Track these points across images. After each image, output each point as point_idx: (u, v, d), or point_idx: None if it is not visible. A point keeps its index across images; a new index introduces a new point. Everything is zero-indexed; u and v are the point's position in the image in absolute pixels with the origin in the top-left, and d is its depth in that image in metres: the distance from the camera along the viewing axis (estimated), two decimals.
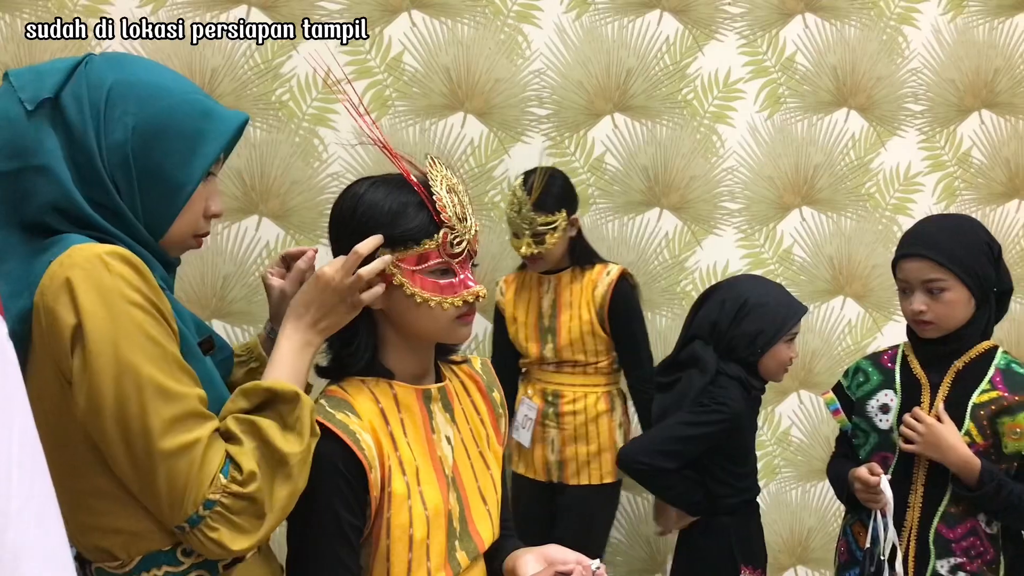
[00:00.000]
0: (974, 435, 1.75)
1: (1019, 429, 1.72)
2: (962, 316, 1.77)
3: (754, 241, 2.78)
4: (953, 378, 1.80)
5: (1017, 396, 1.73)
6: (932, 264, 1.75)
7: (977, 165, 2.87)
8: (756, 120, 2.72)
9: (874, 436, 1.89)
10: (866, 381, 1.93)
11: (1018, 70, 2.85)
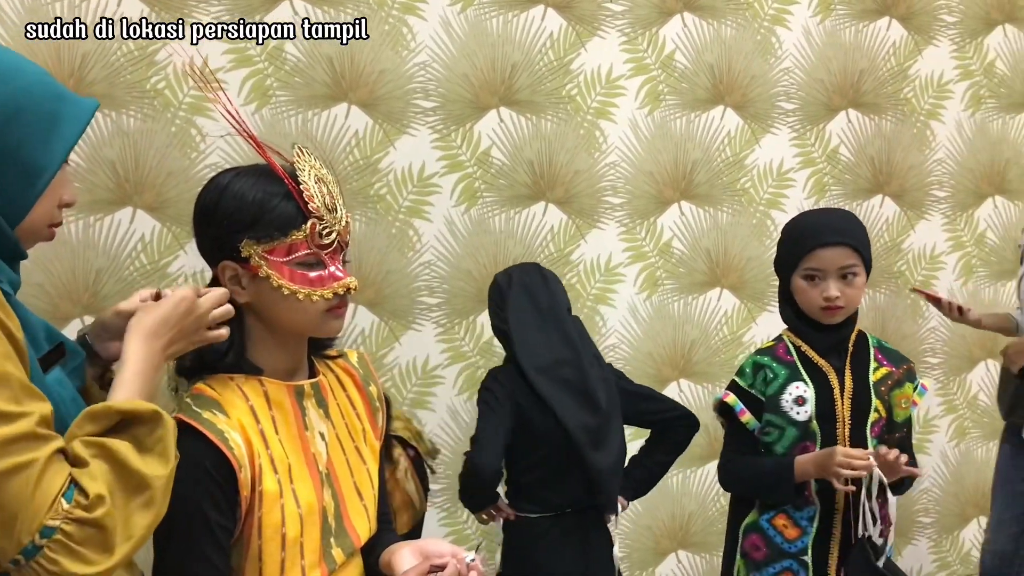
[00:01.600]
0: (880, 411, 1.91)
1: (906, 399, 1.91)
2: (860, 300, 1.95)
3: (635, 235, 2.84)
4: (849, 361, 1.93)
5: (899, 369, 1.93)
6: (850, 251, 1.88)
7: (844, 162, 3.01)
8: (637, 116, 2.78)
9: (791, 429, 1.92)
10: (775, 378, 1.94)
11: (881, 72, 3.00)
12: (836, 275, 1.88)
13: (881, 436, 1.90)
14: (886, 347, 1.99)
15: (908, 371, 1.95)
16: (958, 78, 3.09)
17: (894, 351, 1.99)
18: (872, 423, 1.89)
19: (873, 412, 1.89)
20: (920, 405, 1.98)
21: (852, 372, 1.92)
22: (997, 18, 3.10)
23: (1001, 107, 3.15)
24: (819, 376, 1.93)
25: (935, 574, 3.33)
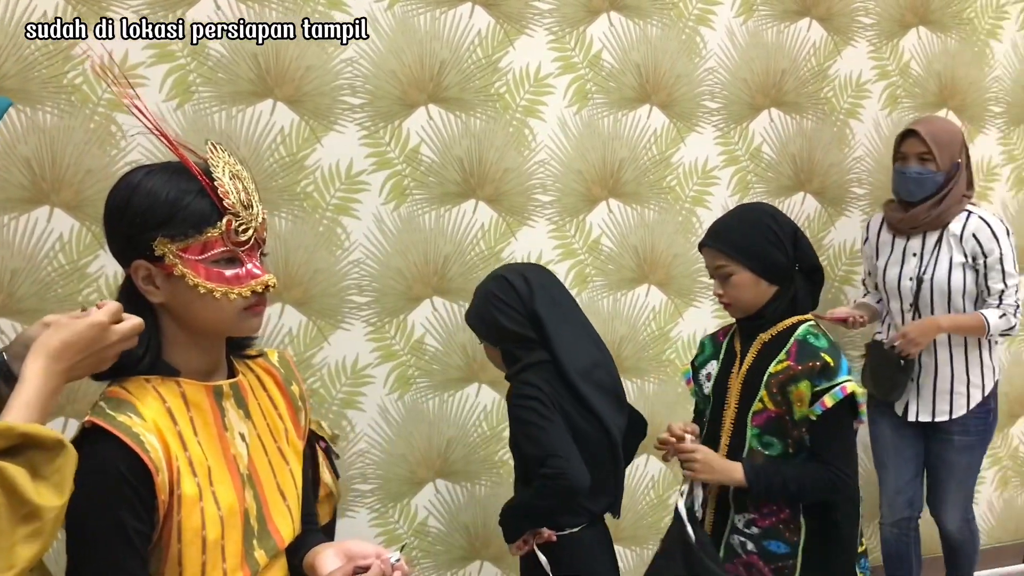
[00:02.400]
0: (767, 402, 1.93)
1: (802, 397, 1.89)
2: (753, 296, 1.96)
3: (565, 232, 2.86)
4: (759, 350, 1.98)
5: (801, 366, 1.90)
6: (716, 252, 1.97)
7: (767, 160, 3.08)
8: (566, 115, 2.80)
9: (699, 401, 2.17)
10: (701, 353, 2.17)
11: (802, 71, 3.07)
12: (715, 274, 1.99)
13: (766, 427, 1.93)
14: (809, 344, 1.93)
15: (810, 369, 1.88)
16: (875, 78, 3.18)
17: (814, 348, 1.92)
18: (755, 412, 1.94)
19: (758, 402, 1.94)
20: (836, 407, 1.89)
21: (755, 360, 1.97)
22: (911, 20, 3.20)
23: (916, 107, 3.25)
24: (728, 358, 2.05)
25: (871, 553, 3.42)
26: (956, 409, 2.85)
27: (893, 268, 2.87)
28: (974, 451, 2.92)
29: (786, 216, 2.04)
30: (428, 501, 2.82)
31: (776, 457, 1.94)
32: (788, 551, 1.95)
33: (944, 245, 2.78)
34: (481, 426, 2.84)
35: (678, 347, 3.06)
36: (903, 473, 2.99)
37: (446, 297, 2.74)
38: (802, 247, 1.99)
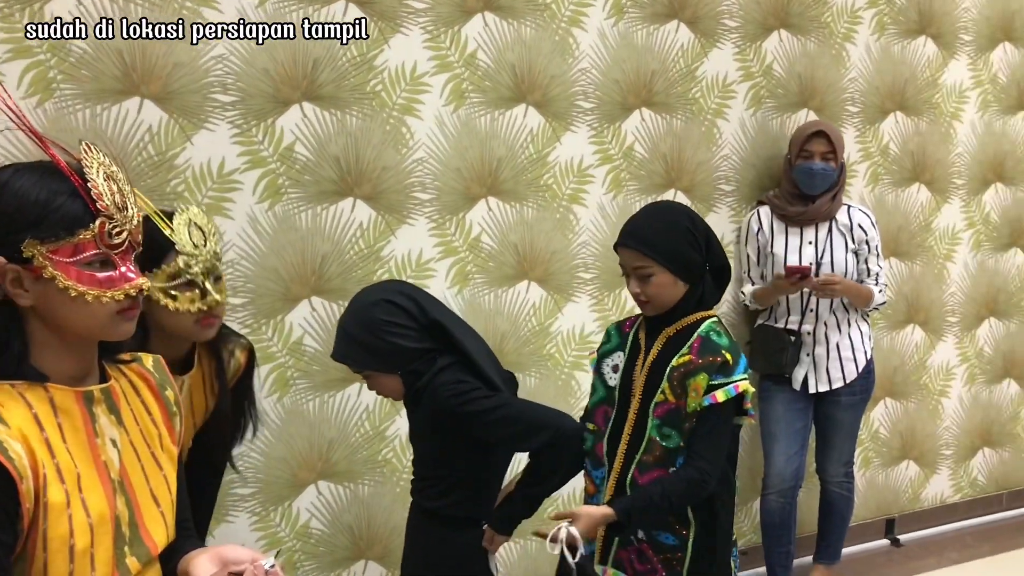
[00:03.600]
0: (667, 394, 1.99)
1: (698, 388, 1.95)
2: (672, 295, 2.01)
3: (445, 230, 2.88)
4: (664, 344, 2.04)
5: (701, 360, 1.96)
6: (638, 254, 1.99)
7: (640, 158, 3.17)
8: (443, 113, 2.81)
9: (602, 390, 2.15)
10: (608, 342, 2.18)
11: (671, 72, 3.17)
12: (634, 274, 2.01)
13: (666, 419, 1.99)
14: (711, 340, 1.99)
15: (710, 364, 1.95)
16: (740, 79, 3.31)
17: (716, 345, 1.98)
18: (656, 403, 2.00)
19: (659, 394, 1.99)
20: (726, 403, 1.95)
21: (659, 353, 2.03)
22: (773, 24, 3.35)
23: (778, 107, 3.41)
24: (635, 351, 2.08)
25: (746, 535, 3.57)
26: (847, 375, 3.25)
27: (792, 256, 3.19)
28: (856, 409, 3.33)
29: (700, 217, 2.09)
30: (310, 503, 2.79)
31: (674, 449, 1.98)
32: (677, 543, 2.01)
33: (835, 234, 3.18)
34: (363, 426, 2.83)
35: (558, 341, 3.12)
36: (792, 444, 3.29)
37: (325, 297, 2.72)
38: (713, 247, 2.05)
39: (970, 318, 3.98)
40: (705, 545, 2.01)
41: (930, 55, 3.70)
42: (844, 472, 3.39)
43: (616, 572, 2.07)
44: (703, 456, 1.95)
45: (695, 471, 1.94)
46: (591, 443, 2.13)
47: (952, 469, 4.07)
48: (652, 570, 2.02)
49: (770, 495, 3.33)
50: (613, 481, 2.06)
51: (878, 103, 3.61)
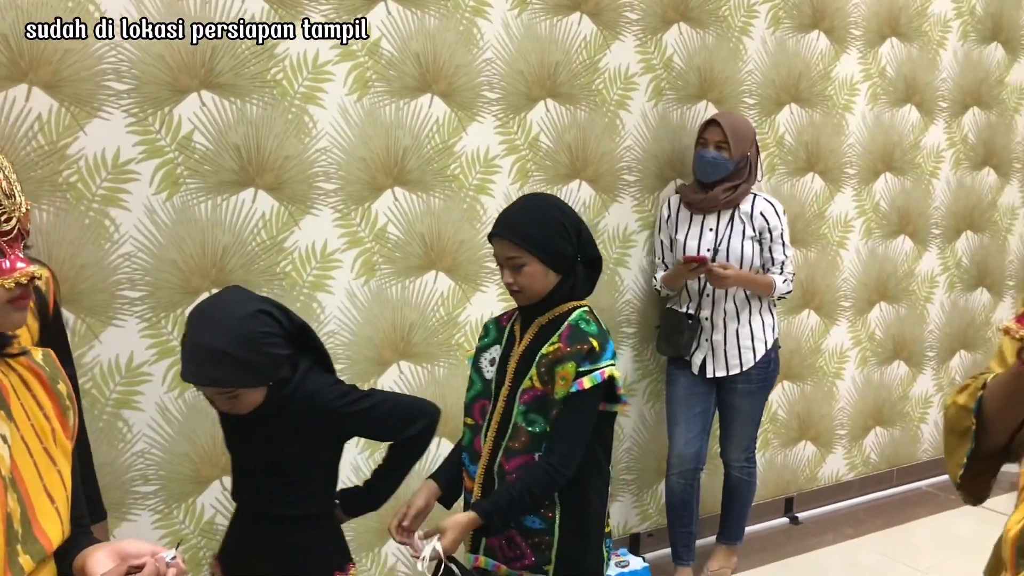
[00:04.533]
0: (535, 381, 2.01)
1: (566, 376, 1.97)
2: (543, 285, 2.02)
3: (351, 220, 2.86)
4: (535, 332, 2.06)
5: (569, 348, 1.98)
6: (511, 244, 2.00)
7: (545, 149, 3.20)
8: (346, 102, 2.79)
9: (479, 384, 2.15)
10: (485, 336, 2.20)
11: (575, 64, 3.21)
12: (507, 264, 2.03)
13: (532, 405, 2.01)
14: (580, 328, 2.01)
15: (578, 351, 1.97)
16: (642, 71, 3.37)
17: (584, 333, 2.00)
18: (523, 390, 2.02)
19: (527, 380, 2.01)
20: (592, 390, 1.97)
21: (531, 342, 2.05)
22: (673, 17, 3.41)
23: (679, 99, 3.48)
24: (510, 342, 2.11)
25: (638, 526, 3.65)
26: (744, 363, 3.32)
27: (692, 241, 3.28)
28: (754, 397, 3.39)
29: (571, 208, 2.12)
30: (215, 499, 2.74)
31: (539, 434, 2.00)
32: (544, 527, 2.03)
33: (736, 222, 3.24)
34: None
35: (467, 331, 3.13)
36: (693, 427, 3.39)
37: None
38: (585, 238, 2.08)
39: (862, 303, 4.15)
40: (573, 528, 2.03)
41: (823, 49, 3.83)
42: (744, 458, 3.47)
43: (487, 560, 2.09)
44: (564, 441, 1.97)
45: (555, 456, 1.96)
46: (469, 438, 2.14)
47: (847, 448, 4.24)
48: (521, 555, 2.04)
49: (672, 476, 3.43)
50: (482, 469, 2.07)
51: (774, 95, 3.72)
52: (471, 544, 2.13)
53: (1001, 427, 1.45)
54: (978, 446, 1.47)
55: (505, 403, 2.06)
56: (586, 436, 2.00)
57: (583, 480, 2.03)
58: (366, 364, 2.94)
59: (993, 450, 1.50)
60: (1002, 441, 1.48)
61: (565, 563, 2.04)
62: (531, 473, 1.98)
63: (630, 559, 3.36)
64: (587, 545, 2.08)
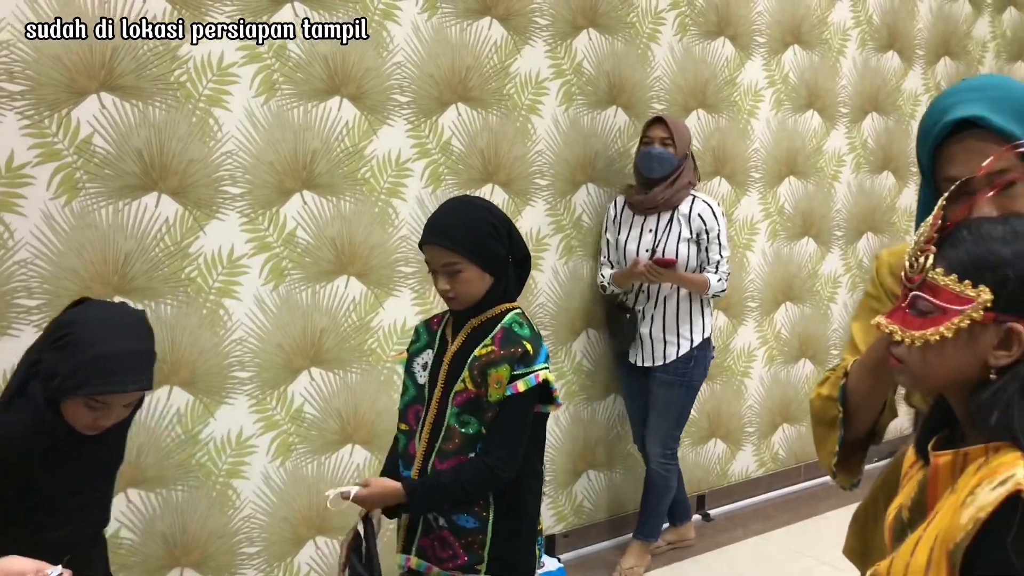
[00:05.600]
0: (467, 383, 2.00)
1: (500, 379, 1.97)
2: (479, 289, 2.01)
3: (258, 225, 2.81)
4: (468, 335, 2.05)
5: (503, 351, 1.98)
6: (445, 250, 1.97)
7: (457, 153, 3.20)
8: (253, 105, 2.74)
9: (412, 389, 2.13)
10: (417, 341, 2.17)
11: (485, 69, 3.22)
12: (442, 271, 2.00)
13: (465, 407, 2.01)
14: (514, 332, 2.00)
15: (511, 355, 1.97)
16: (552, 76, 3.40)
17: (518, 336, 2.00)
18: (456, 392, 2.02)
19: (460, 382, 2.01)
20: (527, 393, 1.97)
21: (463, 344, 2.05)
22: (582, 23, 3.46)
23: (589, 104, 3.53)
24: (442, 346, 2.10)
25: (553, 527, 3.68)
26: (667, 356, 3.48)
27: (632, 243, 3.45)
28: (672, 391, 3.51)
29: (499, 209, 2.11)
30: (120, 513, 2.66)
31: (473, 435, 2.00)
32: (477, 526, 2.02)
33: (674, 223, 3.39)
34: (175, 430, 2.73)
35: (380, 336, 3.11)
36: (636, 420, 3.67)
37: (130, 296, 2.60)
38: (515, 238, 2.08)
39: (768, 303, 4.26)
40: (507, 528, 2.04)
41: (728, 56, 3.93)
42: (661, 453, 3.54)
43: (419, 561, 2.09)
44: (500, 444, 1.98)
45: (490, 458, 1.97)
46: (404, 443, 2.13)
47: (756, 445, 4.35)
48: (454, 555, 2.03)
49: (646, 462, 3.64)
50: (416, 472, 2.06)
51: (682, 101, 3.80)
52: (403, 545, 2.11)
53: (865, 413, 1.53)
54: (846, 432, 1.53)
55: (438, 406, 2.04)
56: (523, 439, 2.01)
57: (519, 480, 2.03)
58: (276, 371, 2.90)
59: (860, 435, 1.56)
60: (867, 426, 1.56)
61: (497, 563, 2.04)
62: (467, 468, 1.98)
63: (545, 560, 3.38)
64: (519, 545, 2.08)
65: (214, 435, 2.80)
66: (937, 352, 1.09)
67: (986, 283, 1.05)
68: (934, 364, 1.10)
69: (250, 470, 2.89)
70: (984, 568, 0.99)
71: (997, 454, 1.04)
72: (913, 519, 1.15)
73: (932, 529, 1.05)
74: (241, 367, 2.83)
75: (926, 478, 1.14)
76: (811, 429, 1.64)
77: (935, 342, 1.08)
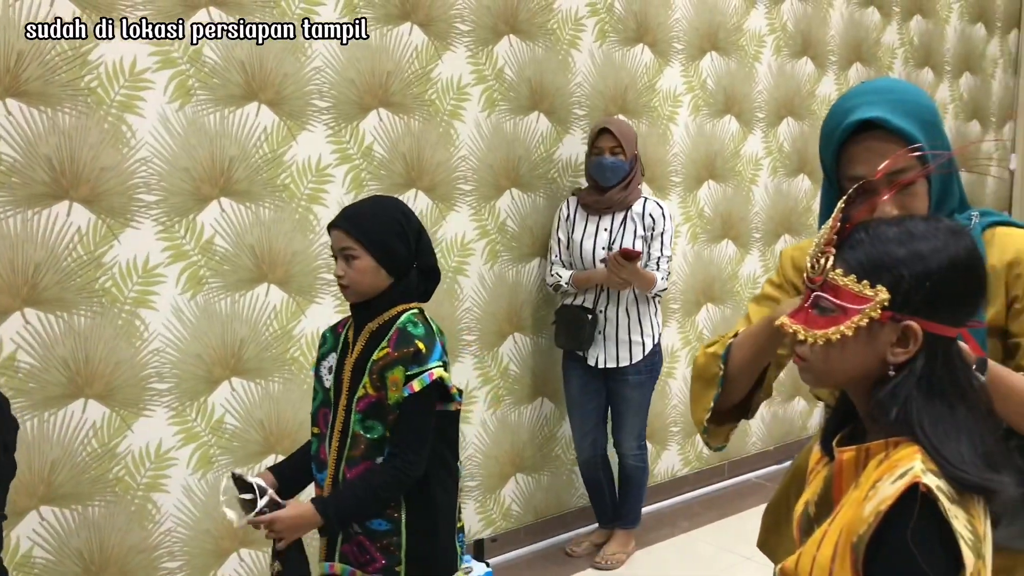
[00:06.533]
0: (368, 388, 2.01)
1: (396, 381, 1.99)
2: (372, 283, 2.04)
3: (175, 233, 2.76)
4: (367, 339, 2.06)
5: (397, 353, 1.99)
6: (345, 234, 2.03)
7: (379, 158, 3.19)
8: (167, 111, 2.69)
9: (321, 394, 2.15)
10: (324, 345, 2.19)
11: (407, 74, 3.21)
12: (340, 255, 2.05)
13: (368, 412, 2.02)
14: (407, 332, 2.02)
15: (405, 355, 1.99)
16: (474, 82, 3.41)
17: (411, 336, 2.01)
18: (359, 397, 2.03)
19: (361, 388, 2.03)
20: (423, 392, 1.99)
21: (363, 349, 2.06)
22: (503, 29, 3.47)
23: (511, 109, 3.54)
24: (344, 349, 2.11)
25: (482, 531, 3.68)
26: (634, 356, 3.58)
27: (588, 241, 3.54)
28: (644, 388, 3.66)
29: (416, 216, 2.13)
30: (32, 531, 2.58)
31: (378, 440, 2.01)
32: (391, 527, 2.04)
33: (628, 222, 3.51)
34: (90, 444, 2.66)
35: (302, 345, 3.07)
36: (588, 422, 3.70)
37: (40, 308, 2.53)
38: (423, 246, 2.11)
39: (690, 304, 4.34)
40: (421, 526, 2.06)
41: (647, 62, 3.99)
42: (637, 446, 3.72)
43: (343, 567, 2.08)
44: (405, 445, 1.99)
45: (398, 460, 1.99)
46: (315, 447, 2.14)
47: (680, 444, 4.42)
48: (372, 559, 2.04)
49: (580, 462, 3.77)
50: (330, 479, 2.07)
51: (602, 106, 3.84)
52: (325, 552, 2.11)
53: (743, 379, 1.59)
54: (723, 394, 1.58)
55: (344, 413, 2.05)
56: (427, 437, 2.03)
57: (427, 477, 2.05)
58: (195, 382, 2.84)
59: (734, 402, 1.62)
60: (742, 394, 1.62)
61: (415, 563, 2.05)
62: (376, 474, 1.99)
63: (474, 565, 3.39)
64: (437, 542, 2.09)
65: (132, 448, 2.74)
66: (838, 350, 1.13)
67: (883, 283, 1.09)
68: (836, 362, 1.14)
69: (170, 483, 2.83)
70: (885, 558, 1.02)
71: (897, 449, 1.08)
72: (820, 514, 1.18)
73: (837, 523, 1.09)
74: (159, 378, 2.77)
75: (831, 474, 1.17)
76: (691, 385, 1.69)
77: (836, 341, 1.12)
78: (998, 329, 1.48)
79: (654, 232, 3.53)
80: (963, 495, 1.03)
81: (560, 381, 3.76)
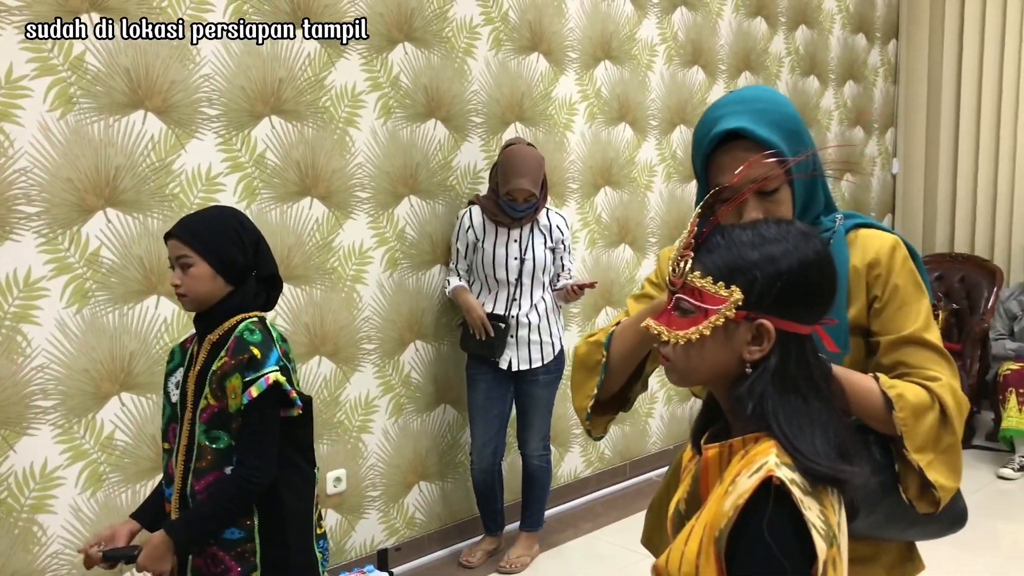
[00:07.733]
0: (210, 399, 2.02)
1: (235, 389, 2.00)
2: (209, 291, 2.04)
3: (58, 245, 2.67)
4: (208, 350, 2.06)
5: (233, 360, 2.00)
6: (180, 243, 2.03)
7: (272, 166, 3.15)
8: (47, 119, 2.61)
9: (169, 409, 2.13)
10: (172, 361, 2.17)
11: (299, 81, 3.18)
12: (177, 264, 2.04)
13: (212, 423, 2.02)
14: (244, 339, 2.02)
15: (240, 362, 1.99)
16: (369, 89, 3.41)
17: (246, 343, 2.01)
18: (202, 409, 2.03)
19: (203, 399, 2.03)
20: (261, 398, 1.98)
21: (204, 360, 2.05)
22: (398, 36, 3.47)
23: (408, 116, 3.55)
24: (189, 363, 2.10)
25: (385, 541, 3.66)
26: (545, 356, 3.69)
27: (500, 250, 3.61)
28: (552, 387, 3.77)
29: (253, 224, 2.13)
30: None
31: (224, 450, 2.01)
32: (244, 535, 2.04)
33: (535, 233, 3.64)
34: None
35: None
36: (490, 428, 3.72)
37: None
38: (262, 254, 2.12)
39: (589, 309, 4.41)
40: (274, 532, 2.05)
41: (543, 70, 4.04)
42: (543, 447, 3.79)
43: None
44: (250, 452, 2.00)
45: (244, 470, 1.99)
46: (165, 462, 2.13)
47: (583, 447, 4.48)
48: (226, 569, 2.03)
49: (475, 470, 3.76)
50: (177, 494, 2.06)
51: (499, 114, 3.88)
52: (178, 570, 2.08)
53: (622, 369, 1.65)
54: (604, 381, 1.63)
55: (190, 425, 2.05)
56: (272, 443, 2.03)
57: (276, 483, 2.04)
58: (83, 398, 2.76)
59: (614, 391, 1.68)
60: (621, 383, 1.67)
61: (271, 568, 2.06)
62: (222, 487, 2.00)
63: (376, 575, 3.37)
64: (291, 547, 2.08)
65: (15, 469, 2.64)
66: (698, 350, 1.18)
67: (737, 284, 1.15)
68: (696, 361, 1.19)
69: (57, 503, 2.74)
70: (744, 551, 1.07)
71: (756, 444, 1.13)
72: (689, 511, 1.22)
73: (702, 519, 1.13)
74: (44, 395, 2.68)
75: (698, 471, 1.22)
76: (572, 375, 1.74)
77: (696, 340, 1.17)
78: (860, 328, 1.56)
79: (562, 244, 3.70)
80: (816, 486, 1.09)
81: (463, 387, 3.78)
